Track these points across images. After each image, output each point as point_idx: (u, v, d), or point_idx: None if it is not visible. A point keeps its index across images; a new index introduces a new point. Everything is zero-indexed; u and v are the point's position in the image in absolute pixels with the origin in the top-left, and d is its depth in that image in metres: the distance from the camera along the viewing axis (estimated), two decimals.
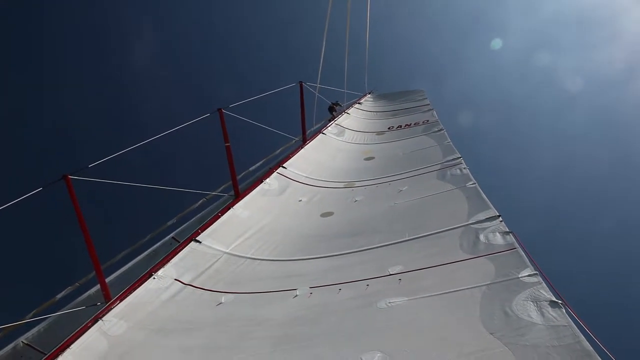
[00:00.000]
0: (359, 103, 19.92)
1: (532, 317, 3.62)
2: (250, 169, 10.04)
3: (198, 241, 7.16)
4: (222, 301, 5.84)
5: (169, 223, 7.68)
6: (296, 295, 5.47)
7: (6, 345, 5.38)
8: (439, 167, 9.10)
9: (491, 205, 6.14)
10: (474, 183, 7.42)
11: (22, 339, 5.49)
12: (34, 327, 5.61)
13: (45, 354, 5.03)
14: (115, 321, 5.50)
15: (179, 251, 6.85)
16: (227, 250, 7.21)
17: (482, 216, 5.89)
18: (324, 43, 15.19)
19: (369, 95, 22.83)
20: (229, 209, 8.16)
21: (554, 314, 3.55)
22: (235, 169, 8.73)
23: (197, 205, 8.22)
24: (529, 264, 4.37)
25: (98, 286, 5.97)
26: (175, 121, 7.96)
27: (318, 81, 15.16)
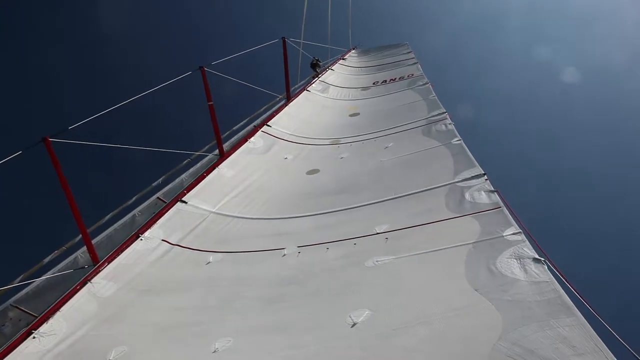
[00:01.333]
0: (343, 59, 19.59)
1: (515, 274, 3.71)
2: (235, 127, 9.92)
3: (184, 201, 7.13)
4: (210, 260, 5.88)
5: (154, 184, 7.61)
6: (284, 255, 5.53)
7: None
8: (424, 122, 9.08)
9: (476, 163, 6.18)
10: (459, 140, 7.44)
11: (11, 301, 5.50)
12: (22, 290, 5.61)
13: (36, 317, 5.06)
14: (104, 283, 5.52)
15: (165, 212, 6.83)
16: (214, 210, 7.21)
17: (467, 174, 5.93)
18: None
19: (353, 51, 22.45)
20: (214, 168, 8.10)
21: (536, 271, 3.65)
22: (220, 128, 8.61)
23: (182, 165, 8.14)
24: (513, 222, 4.45)
25: (85, 249, 5.96)
26: (156, 80, 7.76)
27: (302, 37, 14.84)
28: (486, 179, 5.60)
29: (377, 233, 5.30)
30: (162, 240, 6.38)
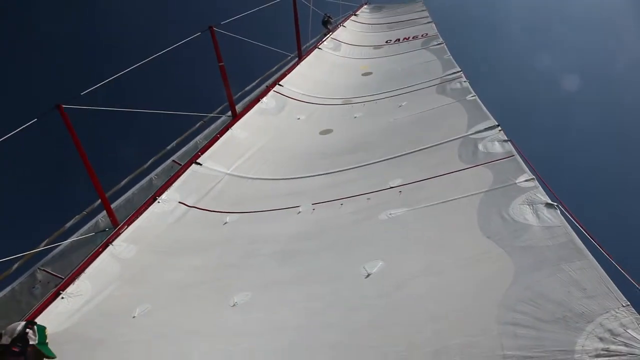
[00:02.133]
0: (355, 15, 19.16)
1: (527, 220, 3.70)
2: (247, 88, 9.87)
3: (199, 163, 7.21)
4: (227, 221, 5.98)
5: (169, 147, 7.68)
6: (299, 212, 5.59)
7: (25, 272, 5.60)
8: (438, 81, 8.91)
9: (490, 116, 6.08)
10: (474, 95, 7.30)
11: (39, 265, 5.71)
12: (48, 254, 5.81)
13: (62, 278, 5.26)
14: (125, 245, 5.68)
15: (181, 174, 6.93)
16: (229, 171, 7.28)
17: (481, 126, 5.85)
18: None
19: (365, 7, 21.90)
20: (228, 130, 8.13)
21: (548, 215, 3.63)
22: (231, 89, 8.58)
23: (195, 127, 8.17)
24: (526, 169, 4.41)
25: (104, 213, 6.10)
26: (165, 42, 7.71)
27: None
28: (500, 130, 5.52)
29: (391, 187, 5.31)
30: (179, 202, 6.50)
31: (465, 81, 8.24)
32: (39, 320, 4.34)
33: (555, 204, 3.70)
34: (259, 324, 3.82)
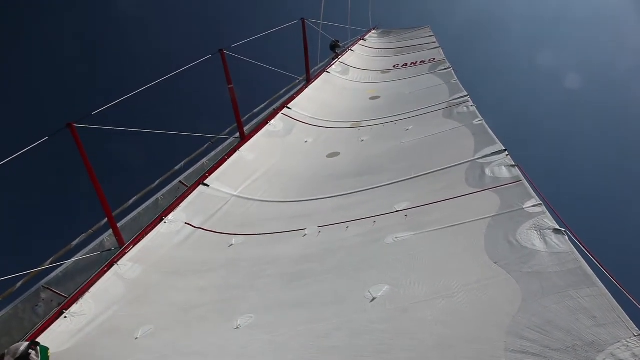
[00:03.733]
0: (363, 40, 19.40)
1: (535, 245, 3.66)
2: (255, 110, 9.96)
3: (206, 185, 7.23)
4: (233, 243, 5.96)
5: (177, 168, 7.72)
6: (305, 235, 5.57)
7: (29, 289, 5.58)
8: (445, 105, 8.96)
9: (497, 140, 6.08)
10: (481, 120, 7.32)
11: (43, 283, 5.69)
12: (53, 272, 5.79)
13: (66, 297, 5.24)
14: (130, 265, 5.67)
15: (188, 195, 6.94)
16: (235, 193, 7.29)
17: (488, 151, 5.85)
18: None
19: (374, 32, 22.19)
20: (235, 151, 8.17)
21: (556, 241, 3.59)
22: (240, 111, 8.66)
23: (203, 148, 8.23)
24: (534, 194, 4.38)
25: (111, 232, 6.11)
26: (176, 64, 7.83)
27: (321, 17, 14.72)
28: (507, 155, 5.51)
29: (397, 210, 5.29)
30: (185, 223, 6.50)
31: (472, 105, 8.28)
32: (41, 339, 4.32)
33: (563, 229, 3.66)
34: (262, 347, 3.77)
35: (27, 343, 3.79)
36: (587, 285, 3.04)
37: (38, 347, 3.83)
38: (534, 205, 4.18)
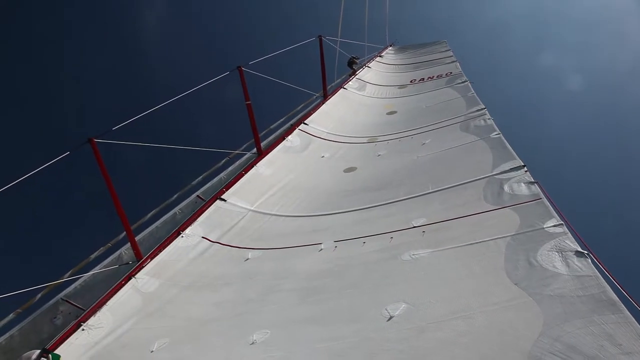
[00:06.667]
0: (380, 56, 19.48)
1: (557, 268, 3.58)
2: (272, 126, 10.03)
3: (223, 199, 7.27)
4: (249, 257, 5.97)
5: (194, 182, 7.79)
6: (321, 249, 5.55)
7: (47, 301, 5.65)
8: (462, 118, 8.92)
9: (516, 156, 6.02)
10: (499, 133, 7.27)
11: (61, 295, 5.75)
12: (71, 285, 5.86)
13: (84, 310, 5.28)
14: (148, 279, 5.71)
15: (205, 210, 6.99)
16: (252, 208, 7.32)
17: (506, 166, 5.79)
18: None
19: (390, 48, 22.29)
20: (252, 167, 8.22)
21: (579, 264, 3.51)
22: (257, 127, 8.73)
23: (220, 164, 8.30)
24: (554, 214, 4.30)
25: (129, 245, 6.17)
26: (194, 81, 7.95)
27: (339, 34, 14.87)
28: (526, 171, 5.44)
29: (414, 227, 5.25)
30: (202, 237, 6.53)
31: (489, 118, 8.23)
32: (59, 351, 4.35)
33: (586, 252, 3.58)
34: None
35: (39, 351, 3.82)
36: (611, 312, 2.95)
37: (50, 355, 3.86)
38: (554, 225, 4.11)
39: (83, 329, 4.82)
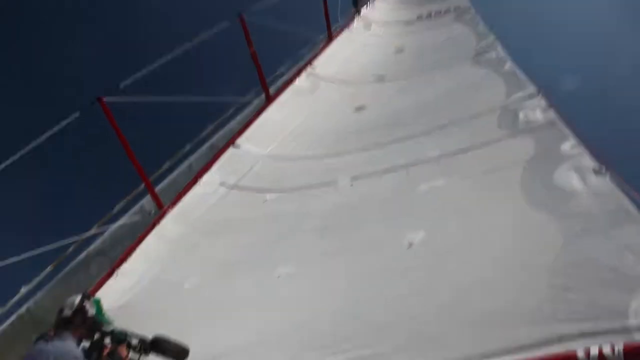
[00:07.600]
0: None
1: (574, 186, 3.61)
2: (278, 72, 9.90)
3: (237, 146, 7.32)
4: (267, 199, 6.08)
5: (207, 131, 7.82)
6: (338, 187, 5.63)
7: (78, 255, 5.86)
8: (473, 52, 8.72)
9: (530, 83, 5.93)
10: (511, 64, 7.12)
11: (91, 248, 5.96)
12: (98, 238, 6.05)
13: (115, 259, 5.48)
14: (170, 226, 5.87)
15: (220, 157, 7.06)
16: (266, 152, 7.37)
17: (520, 95, 5.72)
18: None
19: None
20: (262, 112, 8.21)
21: (596, 182, 3.53)
22: (264, 73, 8.64)
23: (230, 112, 8.28)
24: (570, 135, 4.28)
25: (148, 196, 6.31)
26: (197, 30, 7.81)
27: None
28: (541, 97, 5.37)
29: (429, 159, 5.28)
30: (220, 183, 6.64)
31: (501, 50, 8.03)
32: (98, 295, 4.55)
33: (603, 168, 3.59)
34: (303, 294, 3.91)
35: (81, 295, 3.97)
36: (630, 223, 3.01)
37: (91, 299, 4.03)
38: (571, 147, 4.10)
39: (117, 275, 5.04)
